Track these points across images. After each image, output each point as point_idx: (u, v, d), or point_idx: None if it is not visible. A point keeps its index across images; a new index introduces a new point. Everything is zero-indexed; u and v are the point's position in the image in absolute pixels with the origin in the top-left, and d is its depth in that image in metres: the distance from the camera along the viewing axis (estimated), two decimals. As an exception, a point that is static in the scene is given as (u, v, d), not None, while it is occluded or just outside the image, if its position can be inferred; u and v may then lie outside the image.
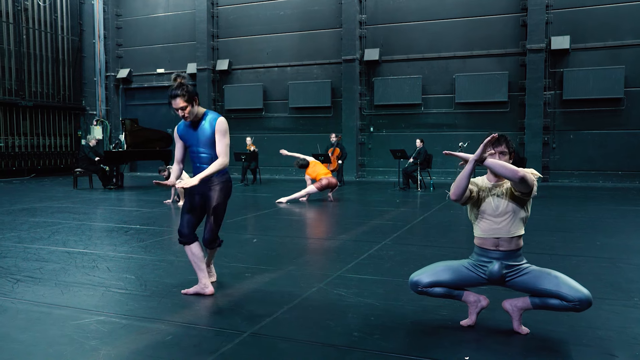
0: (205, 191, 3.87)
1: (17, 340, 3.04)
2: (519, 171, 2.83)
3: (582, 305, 2.84)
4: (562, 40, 14.18)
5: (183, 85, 3.67)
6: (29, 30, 17.93)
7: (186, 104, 3.67)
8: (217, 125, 3.77)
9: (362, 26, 16.39)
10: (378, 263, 4.95)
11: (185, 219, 3.91)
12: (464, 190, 3.01)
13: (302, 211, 8.94)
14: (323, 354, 2.86)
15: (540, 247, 5.62)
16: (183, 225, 3.91)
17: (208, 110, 3.91)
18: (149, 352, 2.88)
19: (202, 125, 3.80)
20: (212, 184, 3.86)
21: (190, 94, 3.67)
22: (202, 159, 3.82)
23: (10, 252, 5.43)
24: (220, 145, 3.76)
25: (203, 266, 3.93)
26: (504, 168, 2.87)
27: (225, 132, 3.78)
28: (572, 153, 14.54)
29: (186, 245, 3.93)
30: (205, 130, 3.79)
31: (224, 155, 3.75)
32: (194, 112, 3.76)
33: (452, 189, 3.03)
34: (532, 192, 2.95)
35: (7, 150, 17.08)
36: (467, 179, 2.98)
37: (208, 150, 3.80)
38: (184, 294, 3.92)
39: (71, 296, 3.91)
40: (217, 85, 18.50)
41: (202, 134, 3.79)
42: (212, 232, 3.94)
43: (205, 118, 3.81)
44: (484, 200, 3.10)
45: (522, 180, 2.84)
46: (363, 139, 16.64)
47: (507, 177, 2.88)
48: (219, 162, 3.73)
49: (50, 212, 8.64)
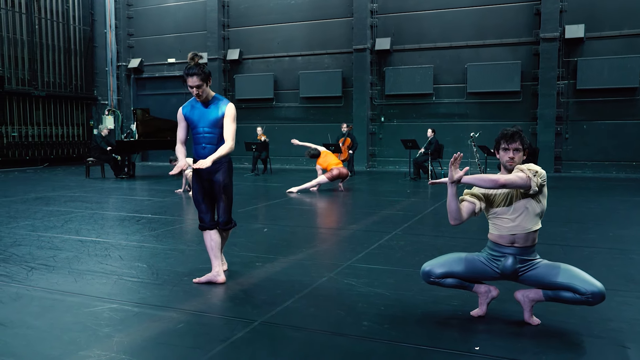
0: (212, 173, 3.95)
1: (32, 326, 3.09)
2: (498, 180, 2.87)
3: (595, 299, 2.81)
4: (576, 28, 13.98)
5: (200, 65, 3.80)
6: (41, 20, 18.01)
7: (201, 82, 3.78)
8: (227, 109, 3.89)
9: (373, 15, 16.27)
10: (388, 253, 4.95)
11: (204, 207, 4.00)
12: (457, 212, 3.07)
13: (312, 201, 8.95)
14: (333, 343, 2.88)
15: (552, 238, 5.58)
16: (202, 211, 4.00)
17: (217, 94, 4.01)
18: (160, 340, 2.91)
19: (211, 107, 3.91)
20: (219, 166, 3.94)
21: (205, 74, 3.80)
22: (207, 138, 3.91)
23: (25, 240, 5.50)
24: (229, 130, 3.87)
25: (219, 254, 4.01)
26: (484, 181, 2.91)
27: (234, 118, 3.90)
28: (586, 143, 14.38)
29: (208, 230, 4.00)
30: (214, 111, 3.89)
31: (231, 139, 3.86)
32: (207, 92, 3.87)
33: (448, 217, 3.10)
34: (531, 188, 2.91)
35: (21, 139, 17.24)
36: (453, 201, 3.05)
37: (215, 130, 3.90)
38: (195, 283, 3.95)
39: (84, 284, 3.95)
40: (227, 75, 18.50)
41: (211, 114, 3.90)
42: (226, 212, 4.03)
43: (215, 100, 3.94)
44: (495, 203, 3.08)
45: (504, 187, 2.88)
46: (374, 129, 16.58)
47: (490, 188, 2.93)
48: (228, 145, 3.83)
49: (63, 201, 8.72)
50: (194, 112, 3.95)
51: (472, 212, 3.11)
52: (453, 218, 3.08)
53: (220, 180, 3.94)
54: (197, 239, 5.85)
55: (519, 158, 3.00)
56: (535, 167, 2.96)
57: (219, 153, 3.78)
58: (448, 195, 3.01)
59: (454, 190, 3.00)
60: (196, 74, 3.76)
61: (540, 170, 2.95)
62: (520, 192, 2.99)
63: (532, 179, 2.89)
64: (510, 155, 3.00)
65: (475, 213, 3.13)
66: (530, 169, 2.93)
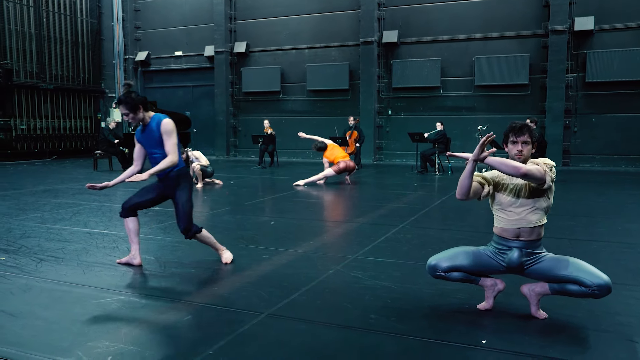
0: (166, 190, 4.17)
1: (41, 317, 3.12)
2: (521, 168, 2.80)
3: (602, 291, 2.80)
4: (586, 21, 13.85)
5: (130, 92, 4.02)
6: (49, 13, 18.05)
7: (128, 112, 3.99)
8: (162, 127, 4.03)
9: (380, 8, 16.18)
10: (395, 246, 4.95)
11: (135, 199, 4.23)
12: (467, 189, 3.01)
13: (319, 194, 8.95)
14: (340, 335, 2.88)
15: (560, 231, 5.56)
16: (130, 201, 4.23)
17: (156, 114, 4.15)
18: (168, 332, 2.93)
19: (150, 128, 4.08)
20: (170, 181, 4.12)
21: (133, 101, 3.98)
22: (155, 159, 4.11)
23: (34, 232, 5.54)
24: (167, 144, 4.02)
25: (136, 239, 4.27)
26: (506, 165, 2.84)
27: (170, 132, 4.03)
28: (594, 137, 14.28)
29: (124, 218, 4.27)
30: (153, 132, 4.06)
31: (172, 153, 4.01)
32: (139, 118, 4.05)
33: (457, 189, 3.04)
34: (545, 183, 2.90)
35: (30, 132, 17.33)
36: (469, 178, 2.98)
37: (159, 151, 4.07)
38: (118, 263, 4.28)
39: (92, 276, 3.99)
40: (234, 68, 18.48)
41: (151, 137, 4.08)
42: (185, 222, 4.16)
43: (152, 121, 4.08)
44: (503, 192, 3.06)
45: (525, 176, 2.81)
46: (381, 122, 16.54)
47: (510, 174, 2.86)
48: (168, 159, 4.00)
49: (71, 193, 8.78)
50: (142, 135, 4.15)
51: (478, 194, 3.08)
52: (461, 193, 3.02)
53: (176, 195, 4.13)
54: (204, 231, 5.88)
55: (527, 151, 2.98)
56: (550, 162, 2.94)
57: (157, 167, 3.97)
58: (465, 171, 2.96)
59: (473, 167, 2.94)
60: (122, 103, 3.97)
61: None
62: (529, 186, 2.98)
63: (547, 173, 2.88)
64: (519, 148, 2.98)
65: (481, 196, 3.10)
66: (546, 163, 2.91)
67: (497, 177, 3.10)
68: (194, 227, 4.20)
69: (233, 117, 18.68)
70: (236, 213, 6.86)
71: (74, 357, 2.58)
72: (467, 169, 2.96)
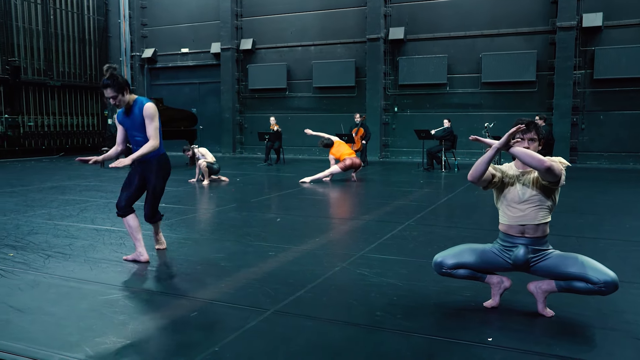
0: (145, 172, 4.23)
1: (49, 313, 3.14)
2: (545, 161, 2.77)
3: (608, 288, 2.78)
4: (594, 17, 13.75)
5: (114, 76, 3.99)
6: (56, 10, 18.13)
7: (116, 93, 3.99)
8: (145, 110, 4.07)
9: (387, 4, 16.13)
10: (401, 243, 4.94)
11: (124, 195, 4.29)
12: (482, 174, 2.97)
13: (325, 191, 8.95)
14: (346, 333, 2.89)
15: (567, 229, 5.53)
16: (121, 199, 4.29)
17: (139, 97, 4.19)
18: (174, 328, 2.95)
19: (133, 111, 4.12)
20: (149, 165, 4.17)
21: (119, 85, 3.98)
22: (137, 141, 4.15)
23: (42, 229, 5.57)
24: (149, 128, 4.07)
25: (139, 236, 4.28)
26: (531, 157, 2.81)
27: (152, 116, 4.06)
28: (602, 134, 14.19)
29: (122, 217, 4.30)
30: (135, 115, 4.10)
31: (153, 137, 4.06)
32: (125, 101, 4.06)
33: (471, 171, 3.00)
34: (560, 182, 2.89)
35: (37, 129, 17.44)
36: (486, 164, 2.94)
37: (141, 134, 4.12)
38: (124, 260, 4.30)
39: (100, 272, 4.01)
40: (240, 65, 18.50)
41: (134, 120, 4.12)
42: (151, 208, 4.34)
43: (135, 104, 4.12)
44: (509, 187, 3.05)
45: (548, 170, 2.78)
46: (387, 119, 16.51)
47: (533, 167, 2.82)
48: (149, 144, 4.06)
49: (78, 190, 8.82)
50: (124, 118, 4.18)
51: (487, 181, 3.05)
52: (474, 176, 2.98)
53: (151, 179, 4.22)
54: (210, 228, 5.90)
55: (534, 148, 2.97)
56: (566, 162, 2.93)
57: (139, 152, 4.03)
58: (485, 156, 2.93)
59: (494, 155, 2.92)
60: (109, 86, 3.96)
61: None
62: (536, 184, 2.97)
63: (563, 172, 2.87)
64: (525, 146, 2.96)
65: (489, 184, 3.06)
66: (562, 162, 2.90)
67: (506, 172, 3.09)
68: (158, 213, 4.42)
69: (239, 114, 18.70)
70: (242, 210, 6.87)
71: (81, 352, 2.60)
72: (488, 155, 2.93)
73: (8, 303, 3.30)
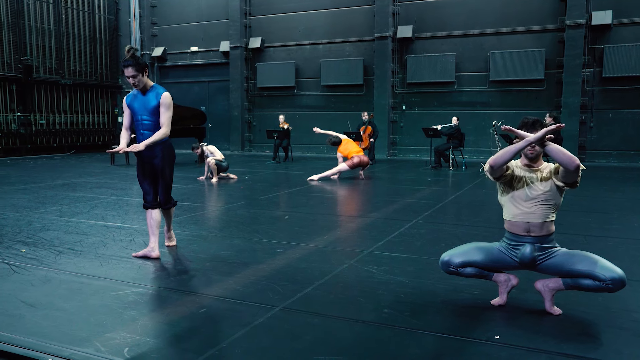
0: (150, 159, 4.31)
1: (60, 308, 3.19)
2: (577, 160, 2.77)
3: (616, 285, 2.78)
4: (603, 15, 13.64)
5: (135, 56, 4.13)
6: (67, 9, 18.26)
7: (136, 73, 4.09)
8: (163, 98, 4.17)
9: (395, 2, 16.09)
10: (409, 241, 4.96)
11: (146, 187, 4.39)
12: (505, 163, 2.95)
13: (333, 189, 8.97)
14: (353, 330, 2.91)
15: (575, 228, 5.52)
16: (145, 192, 4.39)
17: (156, 84, 4.30)
18: (183, 324, 2.98)
19: (149, 95, 4.21)
20: (154, 152, 4.25)
21: (140, 65, 4.10)
22: (145, 125, 4.23)
23: (53, 225, 5.64)
24: (164, 116, 4.17)
25: (157, 232, 4.37)
26: (563, 154, 2.80)
27: (169, 106, 4.17)
28: (611, 132, 14.09)
29: (150, 209, 4.39)
30: (151, 99, 4.19)
31: (166, 125, 4.17)
32: (143, 82, 4.16)
33: (494, 157, 2.95)
34: (576, 184, 2.89)
35: (49, 127, 17.59)
36: (512, 154, 2.92)
37: (151, 118, 4.20)
38: (134, 256, 4.35)
39: (110, 268, 4.05)
40: (249, 63, 18.54)
41: (148, 103, 4.20)
42: (164, 194, 4.42)
43: (152, 89, 4.22)
44: (516, 184, 3.05)
45: (577, 169, 2.79)
46: (395, 117, 16.48)
47: (564, 164, 2.80)
48: (162, 131, 4.16)
49: (89, 187, 8.90)
50: (135, 101, 4.24)
51: (503, 172, 3.05)
52: (498, 163, 2.94)
53: (158, 164, 4.30)
54: (219, 225, 5.94)
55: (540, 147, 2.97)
56: (582, 166, 2.92)
57: (153, 138, 4.13)
58: (514, 147, 2.91)
59: (523, 148, 2.91)
60: (131, 65, 4.06)
61: None
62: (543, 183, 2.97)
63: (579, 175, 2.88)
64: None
65: (501, 176, 3.05)
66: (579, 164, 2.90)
67: (515, 168, 3.09)
68: (172, 199, 4.52)
69: (248, 112, 18.75)
70: (251, 207, 6.91)
71: (91, 347, 2.64)
72: (518, 146, 2.92)
73: (20, 298, 3.35)
